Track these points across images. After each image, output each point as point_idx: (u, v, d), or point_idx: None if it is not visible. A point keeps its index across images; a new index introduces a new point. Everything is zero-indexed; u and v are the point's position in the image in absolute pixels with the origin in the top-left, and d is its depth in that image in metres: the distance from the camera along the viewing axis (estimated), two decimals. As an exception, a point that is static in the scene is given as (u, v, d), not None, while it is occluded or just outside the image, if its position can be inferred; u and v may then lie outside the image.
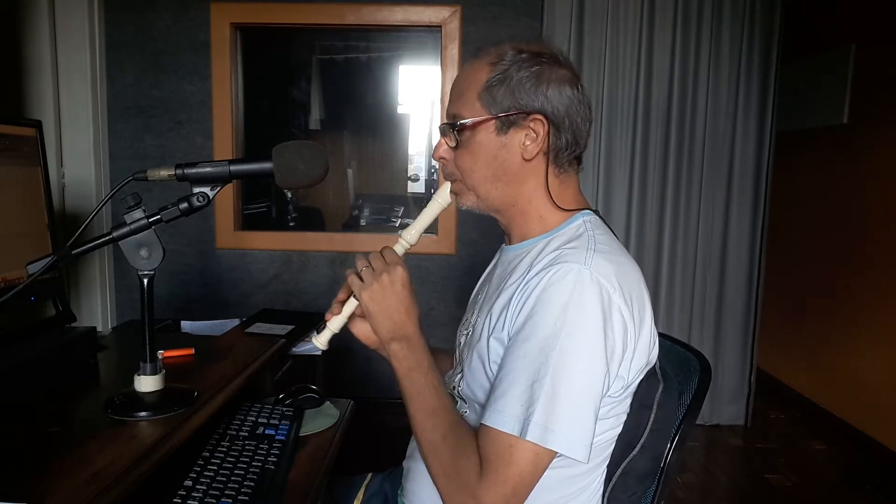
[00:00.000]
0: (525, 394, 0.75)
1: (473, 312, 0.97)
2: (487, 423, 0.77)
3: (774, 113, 2.77)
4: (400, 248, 0.93)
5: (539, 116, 0.85)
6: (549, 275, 0.78)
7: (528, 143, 0.86)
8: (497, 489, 0.74)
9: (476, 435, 0.79)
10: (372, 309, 0.86)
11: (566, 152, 0.88)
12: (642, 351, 0.84)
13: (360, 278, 0.88)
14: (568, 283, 0.77)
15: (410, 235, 0.93)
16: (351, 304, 0.93)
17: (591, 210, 0.92)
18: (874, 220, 2.68)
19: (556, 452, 0.75)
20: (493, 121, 0.86)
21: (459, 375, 0.94)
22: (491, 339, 0.85)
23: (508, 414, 0.75)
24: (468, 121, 0.87)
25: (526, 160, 0.87)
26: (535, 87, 0.84)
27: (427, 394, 0.84)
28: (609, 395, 0.82)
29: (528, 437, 0.73)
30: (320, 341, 0.94)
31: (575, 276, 0.77)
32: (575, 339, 0.75)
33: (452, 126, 0.88)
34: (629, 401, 0.87)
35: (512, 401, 0.76)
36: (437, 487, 0.81)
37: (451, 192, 0.94)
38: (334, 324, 0.94)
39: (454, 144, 0.90)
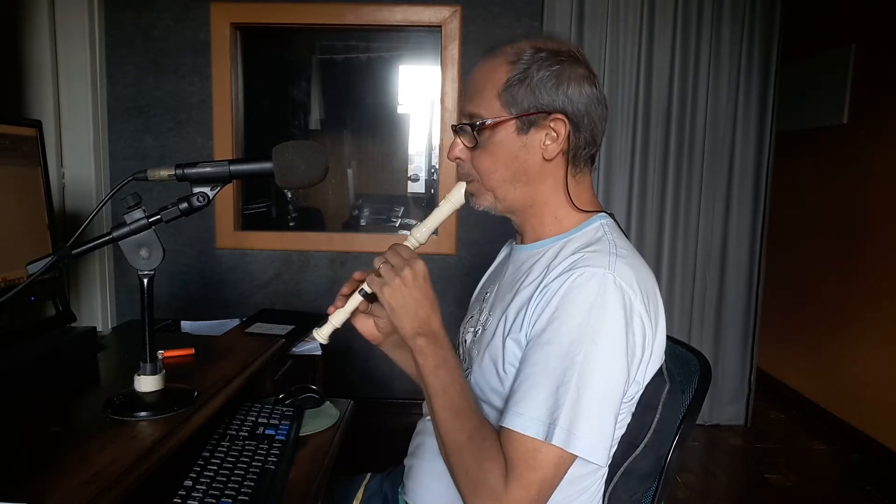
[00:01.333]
0: (550, 398, 0.74)
1: (483, 311, 0.96)
2: (510, 427, 0.76)
3: (774, 113, 2.77)
4: (410, 246, 0.90)
5: (560, 116, 0.84)
6: (571, 278, 0.78)
7: (548, 142, 0.85)
8: (522, 493, 0.73)
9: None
10: (395, 304, 0.82)
11: (584, 151, 0.87)
12: (657, 355, 0.85)
13: (378, 276, 0.84)
14: (592, 287, 0.77)
15: (421, 234, 0.91)
16: (355, 299, 0.91)
17: (606, 213, 0.91)
18: (874, 220, 2.68)
19: (577, 456, 0.75)
20: (514, 121, 0.85)
21: (467, 373, 0.93)
22: (507, 340, 0.84)
23: (532, 417, 0.74)
24: (488, 121, 0.85)
25: (546, 160, 0.86)
26: (555, 87, 0.83)
27: (453, 392, 0.81)
28: (623, 401, 0.82)
29: (554, 442, 0.73)
30: (321, 335, 0.92)
31: (599, 281, 0.77)
32: (599, 344, 0.75)
33: (472, 126, 0.86)
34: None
35: (535, 404, 0.75)
36: (459, 488, 0.79)
37: (466, 192, 0.92)
38: (336, 318, 0.92)
39: (472, 145, 0.88)
